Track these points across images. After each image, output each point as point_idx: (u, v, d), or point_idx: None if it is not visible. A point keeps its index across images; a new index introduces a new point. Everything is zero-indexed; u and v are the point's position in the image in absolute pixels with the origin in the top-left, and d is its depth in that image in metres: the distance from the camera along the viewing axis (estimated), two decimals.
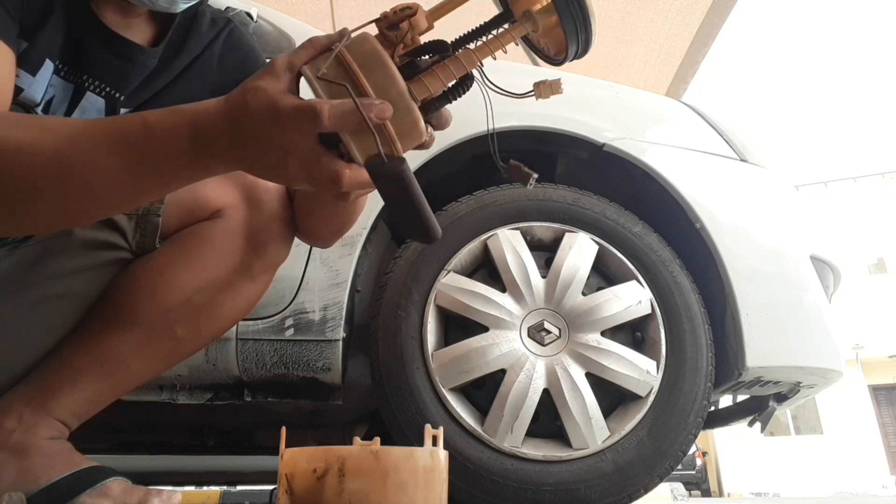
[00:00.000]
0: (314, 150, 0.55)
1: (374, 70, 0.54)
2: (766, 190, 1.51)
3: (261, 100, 0.54)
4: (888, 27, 39.63)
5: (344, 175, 0.55)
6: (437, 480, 0.62)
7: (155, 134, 0.57)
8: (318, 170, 0.55)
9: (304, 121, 0.53)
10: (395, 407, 1.24)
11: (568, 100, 1.52)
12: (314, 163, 0.55)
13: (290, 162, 0.55)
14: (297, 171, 0.56)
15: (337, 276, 1.29)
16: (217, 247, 0.82)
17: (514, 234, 1.35)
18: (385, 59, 0.55)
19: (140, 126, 0.58)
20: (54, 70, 0.75)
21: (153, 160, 0.58)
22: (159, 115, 0.58)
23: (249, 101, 0.54)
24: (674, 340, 1.30)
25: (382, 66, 0.54)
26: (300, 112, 0.53)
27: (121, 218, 0.81)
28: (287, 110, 0.53)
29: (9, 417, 0.76)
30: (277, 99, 0.54)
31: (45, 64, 0.74)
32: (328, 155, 0.55)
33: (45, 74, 0.74)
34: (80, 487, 0.75)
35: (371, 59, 0.54)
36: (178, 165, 0.58)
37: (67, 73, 0.78)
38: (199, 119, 0.57)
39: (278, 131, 0.54)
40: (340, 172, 0.55)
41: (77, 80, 0.79)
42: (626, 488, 1.22)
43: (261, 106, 0.54)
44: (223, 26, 0.92)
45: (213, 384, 1.30)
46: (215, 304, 0.84)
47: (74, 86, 0.79)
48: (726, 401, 1.85)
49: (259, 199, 0.84)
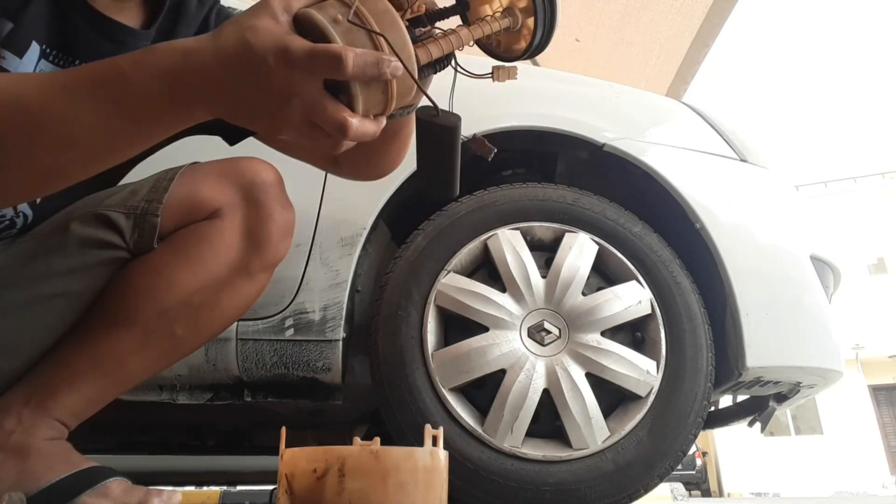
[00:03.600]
0: (321, 95, 0.52)
1: (388, 30, 0.55)
2: (766, 190, 1.51)
3: (266, 40, 0.51)
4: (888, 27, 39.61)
5: (351, 124, 0.53)
6: (437, 480, 0.62)
7: (130, 79, 0.53)
8: (323, 117, 0.53)
9: (324, 65, 0.51)
10: (395, 407, 1.24)
11: (568, 100, 1.52)
12: (320, 109, 0.53)
13: (293, 107, 0.53)
14: (298, 117, 0.54)
15: (337, 276, 1.29)
16: (215, 247, 0.82)
17: (514, 234, 1.35)
18: (398, 20, 0.56)
19: (113, 71, 0.54)
20: (42, 54, 0.73)
21: (129, 107, 0.54)
22: (134, 58, 0.54)
23: (251, 41, 0.51)
24: (674, 340, 1.30)
25: (396, 27, 0.56)
26: (318, 55, 0.51)
27: (118, 217, 0.80)
28: (301, 52, 0.51)
29: (8, 418, 0.76)
30: (288, 40, 0.51)
31: (32, 46, 0.71)
32: (335, 102, 0.53)
33: (31, 58, 0.72)
34: (81, 488, 0.75)
35: (385, 18, 0.56)
36: (157, 112, 0.55)
37: (57, 57, 0.75)
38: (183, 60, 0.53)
39: (286, 74, 0.51)
40: (349, 121, 0.53)
41: (66, 65, 0.77)
42: (626, 488, 1.22)
43: (267, 46, 0.51)
44: (211, 5, 0.91)
45: (213, 384, 1.29)
46: (214, 303, 0.83)
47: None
48: (726, 401, 1.85)
49: (257, 197, 0.84)
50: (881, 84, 37.21)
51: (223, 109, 0.56)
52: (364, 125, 0.55)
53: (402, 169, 1.34)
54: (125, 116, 0.55)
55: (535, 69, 1.69)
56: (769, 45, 43.77)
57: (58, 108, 0.54)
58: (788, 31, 44.57)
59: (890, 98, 34.54)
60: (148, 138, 0.58)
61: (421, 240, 1.35)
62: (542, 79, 1.60)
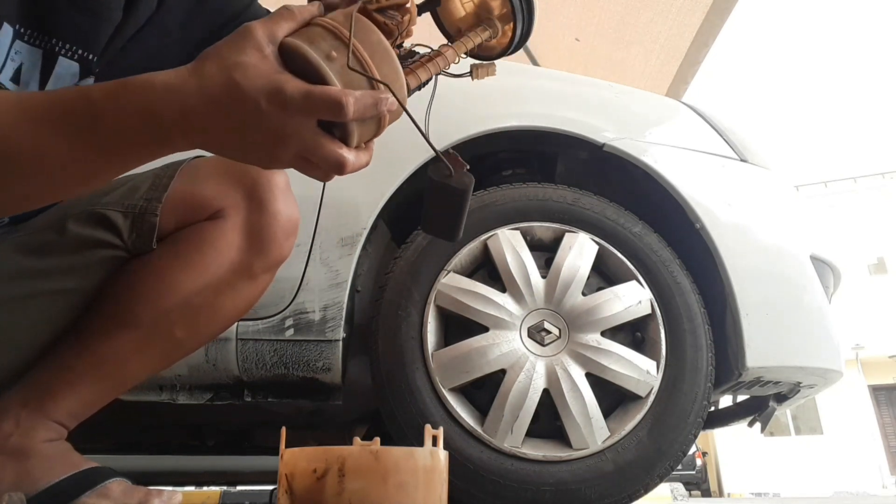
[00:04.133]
0: (316, 135, 0.52)
1: (382, 63, 0.55)
2: (766, 190, 1.51)
3: (258, 80, 0.49)
4: (888, 27, 39.59)
5: (348, 161, 0.53)
6: (437, 480, 0.62)
7: (100, 111, 0.51)
8: (320, 155, 0.53)
9: (322, 109, 0.50)
10: (395, 407, 1.24)
11: (568, 100, 1.52)
12: (316, 148, 0.52)
13: (287, 146, 0.52)
14: (292, 155, 0.53)
15: (337, 276, 1.29)
16: (218, 249, 0.81)
17: (514, 234, 1.35)
18: (391, 51, 0.56)
19: (83, 103, 0.51)
20: (16, 35, 0.69)
21: (102, 141, 0.52)
22: (106, 90, 0.51)
23: (241, 83, 0.49)
24: (674, 340, 1.30)
25: (389, 59, 0.55)
26: (316, 99, 0.50)
27: (116, 216, 0.78)
28: (297, 95, 0.50)
29: (6, 421, 0.75)
30: (281, 80, 0.50)
31: (4, 28, 0.67)
32: (332, 140, 0.53)
33: (3, 40, 0.67)
34: (81, 489, 0.74)
35: (378, 50, 0.55)
36: (132, 147, 0.53)
37: (32, 37, 0.70)
38: (162, 98, 0.50)
39: (280, 116, 0.50)
40: (345, 159, 0.53)
41: (45, 45, 0.72)
42: (626, 488, 1.22)
43: (259, 87, 0.49)
44: None
45: (213, 384, 1.29)
46: (215, 305, 0.82)
47: (43, 51, 0.71)
48: (726, 401, 1.85)
49: (262, 198, 0.83)
50: (881, 84, 37.21)
51: (207, 145, 0.54)
52: (359, 158, 0.55)
53: (402, 169, 1.35)
54: (98, 150, 0.53)
55: (535, 69, 1.69)
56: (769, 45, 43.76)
57: (28, 136, 0.51)
58: (788, 31, 44.57)
59: (890, 98, 34.55)
60: (123, 168, 0.57)
61: (421, 240, 1.35)
62: (541, 79, 1.60)
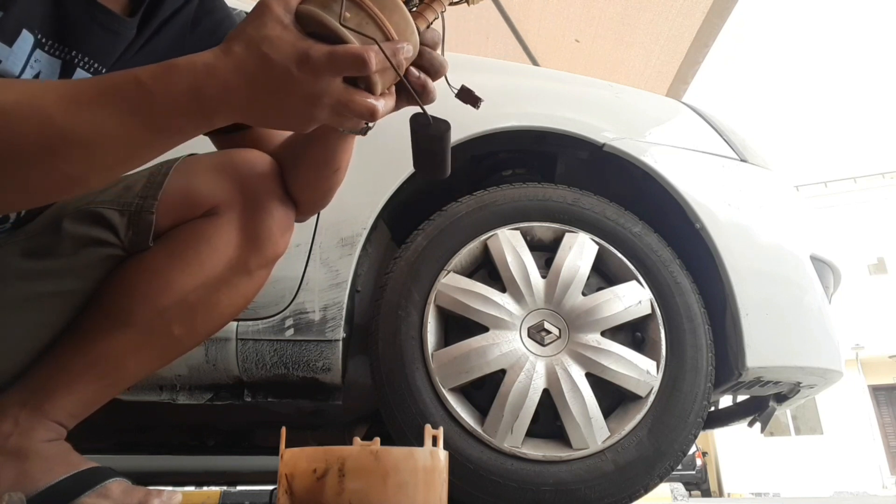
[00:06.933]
0: (346, 90, 0.57)
1: (392, 13, 0.58)
2: (766, 190, 1.51)
3: (285, 50, 0.54)
4: (888, 27, 39.60)
5: (378, 108, 0.58)
6: (437, 480, 0.62)
7: (151, 91, 0.56)
8: (352, 108, 0.58)
9: (347, 66, 0.55)
10: (395, 407, 1.24)
11: (568, 100, 1.52)
12: (348, 102, 0.57)
13: (322, 105, 0.57)
14: (327, 113, 0.58)
15: (337, 277, 1.29)
16: (213, 245, 0.81)
17: (514, 235, 1.35)
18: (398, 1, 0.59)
19: (134, 85, 0.56)
20: (36, 44, 0.71)
21: (151, 118, 0.57)
22: (153, 72, 0.56)
23: (271, 56, 0.54)
24: (674, 340, 1.30)
25: (397, 7, 0.59)
26: (342, 59, 0.55)
27: (112, 214, 0.78)
28: (323, 57, 0.54)
29: (5, 421, 0.75)
30: (306, 46, 0.55)
31: (23, 35, 0.69)
32: (360, 92, 0.58)
33: (23, 46, 0.69)
34: (80, 489, 0.74)
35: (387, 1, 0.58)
36: (179, 122, 0.58)
37: (53, 47, 0.72)
38: (201, 76, 0.55)
39: (311, 79, 0.55)
40: (375, 107, 0.58)
41: (65, 56, 0.74)
42: (626, 488, 1.22)
43: (288, 56, 0.54)
44: None
45: (213, 384, 1.29)
46: (212, 302, 0.82)
47: (62, 62, 0.74)
48: (726, 401, 1.85)
49: (255, 192, 0.82)
50: (882, 84, 37.21)
51: (248, 117, 0.59)
52: (387, 104, 0.60)
53: (402, 169, 1.35)
54: (149, 128, 0.57)
55: (535, 69, 1.69)
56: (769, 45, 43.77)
57: (83, 120, 0.55)
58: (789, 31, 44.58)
59: (890, 98, 34.55)
60: (167, 146, 0.61)
61: (421, 240, 1.35)
62: (542, 79, 1.60)
